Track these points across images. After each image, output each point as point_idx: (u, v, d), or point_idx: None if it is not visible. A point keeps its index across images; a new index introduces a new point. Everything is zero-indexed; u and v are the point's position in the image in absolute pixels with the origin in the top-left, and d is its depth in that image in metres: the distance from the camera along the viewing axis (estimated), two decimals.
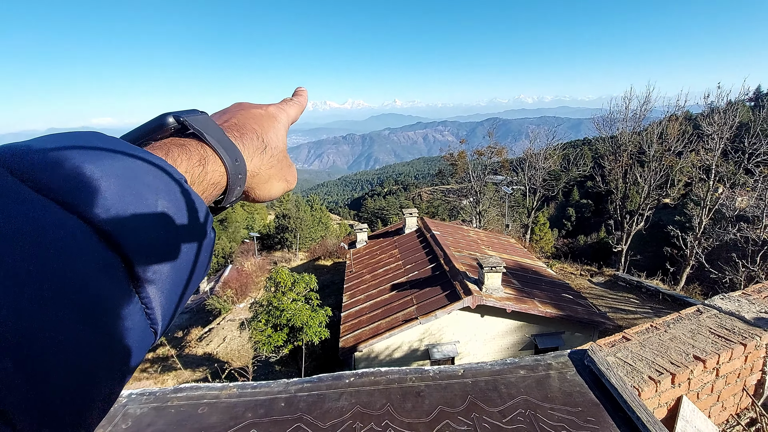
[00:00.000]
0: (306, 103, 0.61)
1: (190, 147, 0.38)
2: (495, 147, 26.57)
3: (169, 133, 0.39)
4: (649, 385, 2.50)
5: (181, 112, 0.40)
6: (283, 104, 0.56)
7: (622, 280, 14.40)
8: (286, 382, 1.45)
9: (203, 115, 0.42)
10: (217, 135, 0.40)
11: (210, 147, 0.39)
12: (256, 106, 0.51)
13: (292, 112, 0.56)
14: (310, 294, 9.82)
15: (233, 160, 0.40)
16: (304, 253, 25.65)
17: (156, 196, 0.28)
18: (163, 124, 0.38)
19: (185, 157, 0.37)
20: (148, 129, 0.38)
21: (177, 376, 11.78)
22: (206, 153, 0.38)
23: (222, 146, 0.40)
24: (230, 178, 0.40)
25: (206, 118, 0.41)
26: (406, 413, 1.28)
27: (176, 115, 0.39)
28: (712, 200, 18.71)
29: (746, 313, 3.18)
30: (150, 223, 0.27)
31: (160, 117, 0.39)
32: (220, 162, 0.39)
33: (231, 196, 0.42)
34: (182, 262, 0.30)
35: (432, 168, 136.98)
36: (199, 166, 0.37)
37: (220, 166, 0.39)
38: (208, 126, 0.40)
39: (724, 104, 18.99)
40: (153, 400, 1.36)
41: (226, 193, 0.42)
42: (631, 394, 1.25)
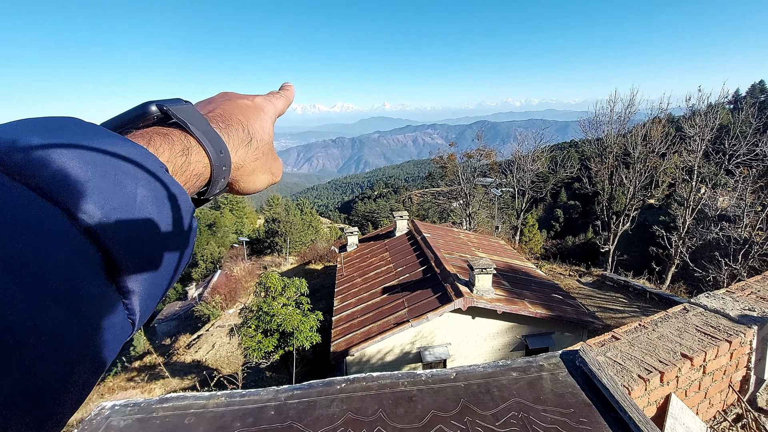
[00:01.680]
0: (293, 98, 0.60)
1: (173, 136, 0.37)
2: (484, 150, 26.82)
3: (152, 122, 0.38)
4: (639, 383, 2.52)
5: (165, 101, 0.39)
6: (270, 96, 0.55)
7: (609, 280, 14.61)
8: (275, 390, 1.41)
9: (188, 104, 0.41)
10: (202, 125, 0.39)
11: (194, 137, 0.38)
12: (243, 96, 0.50)
13: (279, 104, 0.55)
14: (301, 298, 9.72)
15: (217, 151, 0.40)
16: (295, 257, 25.44)
17: (136, 184, 0.28)
18: (146, 113, 0.37)
19: (168, 146, 0.36)
20: (130, 117, 0.37)
21: (165, 384, 11.54)
22: (190, 143, 0.38)
23: (206, 137, 0.39)
24: (214, 169, 0.40)
25: (190, 108, 0.40)
26: (399, 419, 1.27)
27: (159, 103, 0.38)
28: (695, 200, 19.16)
29: (731, 310, 3.24)
30: (129, 213, 0.27)
31: (142, 105, 0.38)
32: (204, 153, 0.38)
33: (215, 187, 0.41)
34: (162, 251, 0.29)
35: (422, 171, 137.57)
36: (182, 156, 0.36)
37: (203, 157, 0.38)
38: (193, 116, 0.39)
39: (705, 107, 19.51)
40: (137, 411, 1.32)
41: (209, 184, 0.41)
42: (623, 394, 1.25)
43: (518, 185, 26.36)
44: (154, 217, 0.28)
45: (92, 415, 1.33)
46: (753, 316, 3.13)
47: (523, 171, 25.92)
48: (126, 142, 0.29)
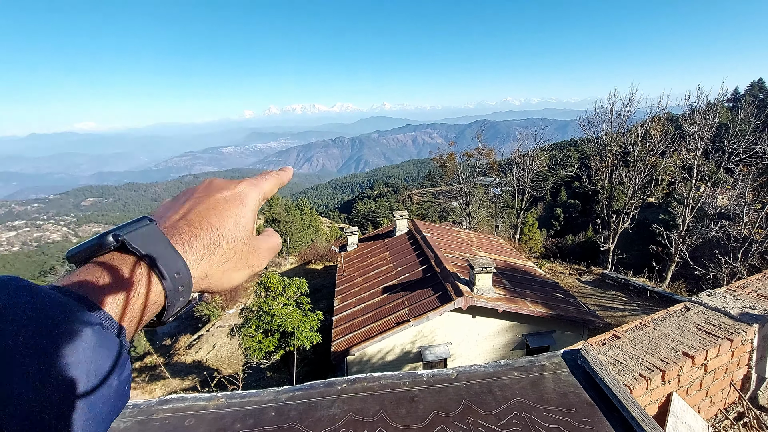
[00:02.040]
0: (288, 180, 0.58)
1: (124, 268, 0.37)
2: (483, 149, 26.81)
3: (110, 250, 0.38)
4: (640, 382, 2.52)
5: (126, 225, 0.40)
6: (258, 180, 0.53)
7: (609, 279, 14.62)
8: (276, 391, 1.41)
9: (149, 225, 0.40)
10: (159, 250, 0.39)
11: (146, 266, 0.38)
12: (225, 185, 0.49)
13: (267, 187, 0.53)
14: (301, 298, 9.72)
15: (173, 274, 0.39)
16: (295, 257, 25.45)
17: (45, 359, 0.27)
18: (103, 244, 0.38)
19: (117, 280, 0.36)
20: (89, 248, 0.38)
21: (165, 385, 11.53)
22: (142, 273, 0.38)
23: (161, 262, 0.38)
24: (168, 295, 0.39)
25: (148, 232, 0.40)
26: (400, 419, 1.26)
27: (116, 233, 0.38)
28: (694, 199, 19.16)
29: (732, 308, 3.24)
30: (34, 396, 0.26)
31: (99, 237, 0.38)
32: (158, 280, 0.38)
33: (171, 310, 0.41)
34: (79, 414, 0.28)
35: (422, 170, 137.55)
36: (132, 290, 0.37)
37: (157, 285, 0.38)
38: (148, 241, 0.39)
39: (704, 105, 19.50)
40: (137, 413, 1.31)
41: (165, 309, 0.40)
42: (625, 393, 1.25)
43: (518, 184, 26.36)
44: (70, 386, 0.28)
45: None
46: (754, 315, 3.12)
47: (522, 170, 25.92)
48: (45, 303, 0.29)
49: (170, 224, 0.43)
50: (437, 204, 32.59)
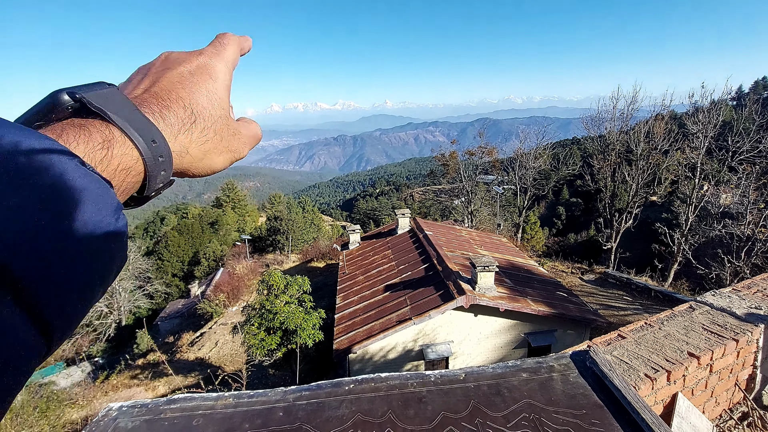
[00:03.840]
0: (249, 46, 0.51)
1: (90, 127, 0.32)
2: (485, 147, 26.74)
3: (68, 114, 0.33)
4: (646, 382, 2.51)
5: (80, 87, 0.34)
6: (218, 46, 0.47)
7: (612, 278, 14.58)
8: (283, 391, 1.41)
9: (110, 88, 0.36)
10: (126, 112, 0.34)
11: (116, 126, 0.33)
12: (185, 59, 0.43)
13: (230, 54, 0.47)
14: (303, 296, 9.73)
15: (149, 141, 0.35)
16: (297, 255, 25.49)
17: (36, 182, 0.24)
18: (57, 103, 0.32)
19: (84, 138, 0.31)
20: (40, 109, 0.33)
21: (168, 382, 11.59)
22: (112, 134, 0.33)
23: (133, 126, 0.34)
24: (147, 162, 0.35)
25: (112, 92, 0.35)
26: (409, 420, 1.26)
27: (72, 91, 0.33)
28: (697, 197, 19.09)
29: (737, 308, 3.22)
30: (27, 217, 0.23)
31: (52, 94, 0.33)
32: (131, 144, 0.34)
33: (154, 182, 0.37)
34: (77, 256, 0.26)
35: (423, 168, 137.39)
36: (102, 149, 0.32)
37: (131, 150, 0.34)
38: (113, 102, 0.34)
39: (708, 103, 19.39)
40: (145, 413, 1.31)
41: (146, 179, 0.36)
42: (635, 395, 1.24)
43: (520, 182, 26.29)
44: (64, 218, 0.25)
45: (99, 417, 1.33)
46: (760, 315, 3.11)
47: (525, 168, 25.85)
48: (26, 135, 0.25)
49: (132, 97, 0.38)
50: (439, 202, 32.57)
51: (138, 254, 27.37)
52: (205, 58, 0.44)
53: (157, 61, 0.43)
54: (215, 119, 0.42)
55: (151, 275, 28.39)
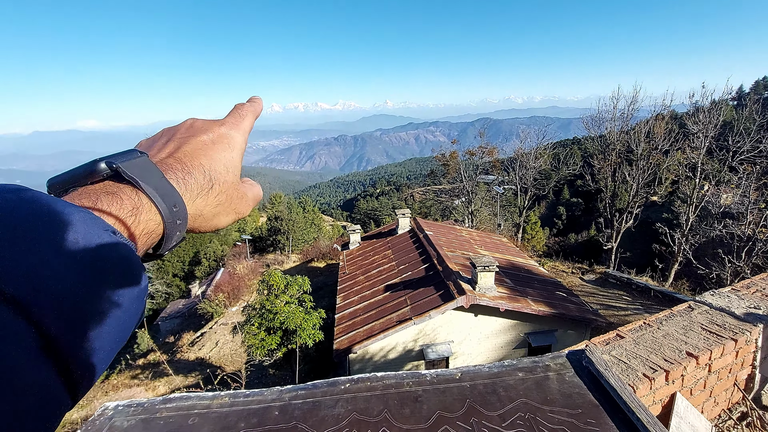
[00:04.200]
0: (260, 110, 0.57)
1: (122, 195, 0.35)
2: (486, 147, 26.73)
3: (102, 179, 0.36)
4: (644, 382, 2.51)
5: (116, 155, 0.38)
6: (236, 118, 0.52)
7: (612, 278, 14.57)
8: (279, 390, 1.41)
9: (141, 157, 0.39)
10: (154, 180, 0.37)
11: (145, 195, 0.36)
12: (207, 128, 0.47)
13: (248, 125, 0.52)
14: (304, 296, 9.74)
15: (171, 207, 0.38)
16: (297, 255, 25.51)
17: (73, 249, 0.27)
18: (94, 171, 0.36)
19: (116, 206, 0.34)
20: (77, 175, 0.35)
21: (168, 382, 11.60)
22: (141, 201, 0.36)
23: (159, 193, 0.37)
24: (167, 226, 0.38)
25: (143, 162, 0.38)
26: (404, 419, 1.26)
27: (109, 161, 0.36)
28: (698, 197, 19.06)
29: (736, 308, 3.22)
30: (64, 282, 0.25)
31: (90, 163, 0.36)
32: (156, 210, 0.37)
33: (169, 242, 0.40)
34: (105, 318, 0.28)
35: (424, 168, 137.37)
36: (131, 216, 0.35)
37: (155, 215, 0.37)
38: (144, 171, 0.37)
39: (709, 103, 19.36)
40: (141, 412, 1.31)
41: (163, 239, 0.39)
42: (630, 394, 1.24)
43: (521, 183, 26.27)
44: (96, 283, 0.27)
45: (95, 416, 1.33)
46: (759, 315, 3.11)
47: (525, 168, 25.83)
48: (67, 208, 0.28)
49: (158, 160, 0.42)
50: (439, 202, 32.56)
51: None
52: (225, 129, 0.48)
53: (182, 126, 0.48)
54: (228, 185, 0.46)
55: (152, 275, 28.42)
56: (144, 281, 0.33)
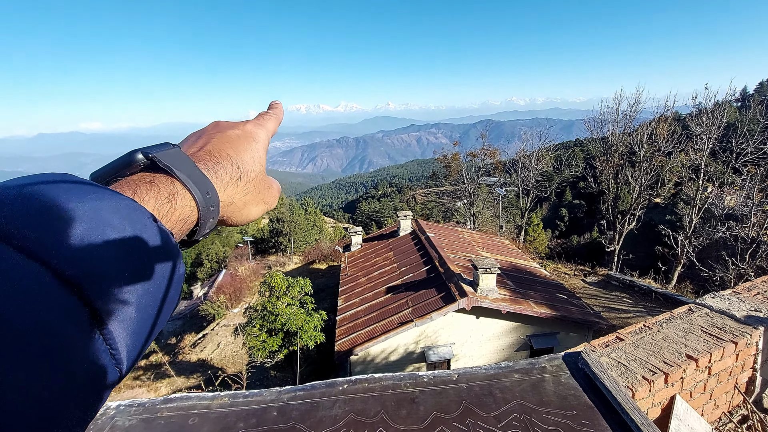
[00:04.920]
0: (282, 115, 0.61)
1: (158, 183, 0.37)
2: (488, 149, 26.73)
3: (139, 169, 0.38)
4: (643, 385, 2.51)
5: (151, 147, 0.40)
6: (261, 120, 0.56)
7: (615, 280, 14.52)
8: (278, 391, 1.43)
9: (174, 148, 0.42)
10: (188, 169, 0.40)
11: (179, 182, 0.39)
12: (233, 125, 0.51)
13: (271, 126, 0.56)
14: (305, 298, 9.76)
15: (204, 193, 0.40)
16: (299, 256, 25.54)
17: (120, 235, 0.28)
18: (132, 161, 0.38)
19: (153, 194, 0.36)
20: (117, 166, 0.38)
21: (170, 383, 11.64)
22: (176, 189, 0.38)
23: (192, 180, 0.40)
24: (201, 212, 0.40)
25: (176, 153, 0.41)
26: (401, 420, 1.27)
27: (145, 151, 0.39)
28: (701, 199, 18.98)
29: (737, 311, 3.21)
30: (113, 263, 0.27)
31: (128, 154, 0.39)
32: (190, 197, 0.39)
33: (203, 229, 0.42)
34: (148, 300, 0.30)
35: (426, 170, 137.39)
36: (168, 202, 0.37)
37: (190, 201, 0.39)
38: (178, 160, 0.40)
39: (712, 105, 19.31)
40: (142, 412, 1.33)
41: (198, 226, 0.41)
42: (625, 396, 1.25)
43: (523, 184, 26.24)
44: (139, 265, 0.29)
45: (98, 415, 1.35)
46: (759, 317, 3.10)
47: (527, 170, 25.80)
48: (111, 194, 0.30)
49: (190, 154, 0.44)
50: (441, 204, 32.54)
51: None
52: (249, 126, 0.52)
53: (209, 126, 0.51)
54: (255, 174, 0.49)
55: None
56: (182, 268, 0.35)
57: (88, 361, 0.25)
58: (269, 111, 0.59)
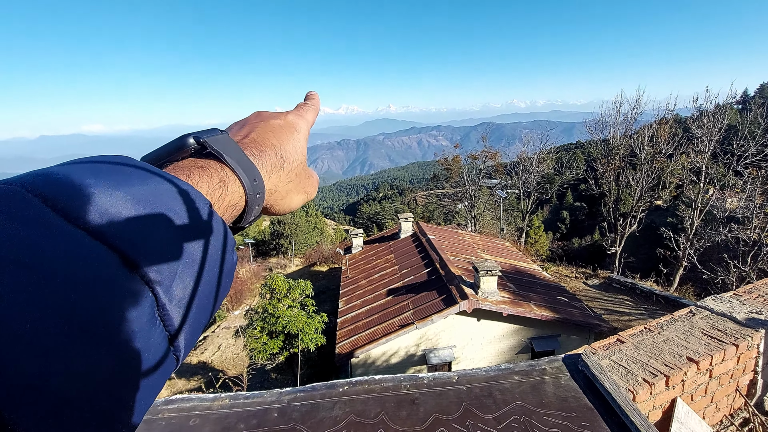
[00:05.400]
0: (320, 106, 0.61)
1: (210, 169, 0.38)
2: (489, 151, 26.75)
3: (189, 154, 0.39)
4: (644, 387, 2.51)
5: (201, 132, 0.40)
6: (300, 111, 0.56)
7: (616, 282, 14.48)
8: (279, 392, 1.43)
9: (223, 134, 0.42)
10: (237, 155, 0.40)
11: (229, 168, 0.39)
12: (276, 115, 0.51)
13: (310, 117, 0.57)
14: (306, 300, 9.76)
15: (252, 180, 0.40)
16: (300, 259, 25.56)
17: (183, 222, 0.29)
18: (184, 145, 0.38)
19: (206, 179, 0.37)
20: (169, 150, 0.38)
21: (171, 385, 11.63)
22: (226, 174, 0.39)
23: (241, 167, 0.40)
24: (249, 198, 0.40)
25: (225, 138, 0.41)
26: (401, 421, 1.27)
27: (196, 135, 0.39)
28: (703, 202, 18.95)
29: (738, 313, 3.21)
30: (174, 250, 0.28)
31: (180, 138, 0.39)
32: (239, 183, 0.39)
33: (250, 215, 0.42)
34: (204, 289, 0.30)
35: (427, 172, 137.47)
36: (219, 188, 0.37)
37: (239, 187, 0.39)
38: (228, 146, 0.40)
39: (713, 107, 19.31)
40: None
41: (244, 213, 0.41)
42: (625, 398, 1.25)
43: (524, 187, 26.23)
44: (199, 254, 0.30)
45: None
46: (760, 320, 3.09)
47: (528, 172, 25.81)
48: (173, 179, 0.31)
49: (238, 139, 0.45)
50: (442, 206, 32.55)
51: None
52: (291, 116, 0.53)
53: (251, 116, 0.51)
54: (297, 164, 0.49)
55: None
56: (235, 256, 0.35)
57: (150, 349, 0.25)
58: (307, 102, 0.60)
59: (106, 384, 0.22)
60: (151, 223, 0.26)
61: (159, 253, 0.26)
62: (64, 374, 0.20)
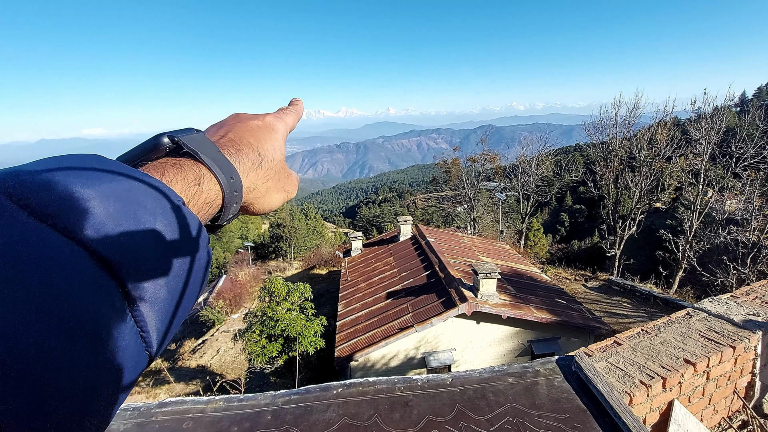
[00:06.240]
0: (302, 112, 0.62)
1: (185, 167, 0.38)
2: (488, 154, 26.80)
3: (164, 153, 0.39)
4: (641, 389, 2.50)
5: (176, 131, 0.41)
6: (280, 113, 0.56)
7: (616, 285, 14.47)
8: (273, 395, 1.43)
9: (198, 133, 0.42)
10: (212, 153, 0.40)
11: (205, 166, 0.39)
12: (253, 117, 0.52)
13: (290, 120, 0.57)
14: (305, 303, 9.74)
15: (228, 177, 0.41)
16: (299, 262, 25.53)
17: (153, 218, 0.29)
18: (158, 144, 0.39)
19: (181, 177, 0.37)
20: (144, 149, 0.38)
21: (169, 389, 11.57)
22: (201, 172, 0.39)
23: (217, 164, 0.40)
24: (226, 196, 0.41)
25: (201, 137, 0.41)
26: (394, 424, 1.27)
27: (171, 135, 0.39)
28: (702, 204, 18.97)
29: (735, 315, 3.21)
30: (145, 246, 0.28)
31: (155, 137, 0.39)
32: (216, 181, 0.40)
33: (228, 213, 0.42)
34: (177, 283, 0.31)
35: (426, 175, 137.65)
36: (194, 185, 0.38)
37: (215, 185, 0.40)
38: (203, 145, 0.40)
39: (711, 110, 19.37)
40: (137, 416, 1.34)
41: (222, 210, 0.42)
42: (618, 399, 1.26)
43: (523, 189, 26.26)
44: (169, 248, 0.30)
45: None
46: (758, 321, 3.10)
47: (527, 175, 25.85)
48: (143, 176, 0.31)
49: (215, 138, 0.46)
50: (441, 209, 32.55)
51: None
52: (269, 117, 0.53)
53: (229, 118, 0.52)
54: (276, 162, 0.50)
55: None
56: (210, 253, 0.35)
57: (121, 343, 0.25)
58: (289, 107, 0.61)
59: (81, 380, 0.22)
60: (121, 218, 0.26)
61: (128, 247, 0.26)
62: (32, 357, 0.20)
